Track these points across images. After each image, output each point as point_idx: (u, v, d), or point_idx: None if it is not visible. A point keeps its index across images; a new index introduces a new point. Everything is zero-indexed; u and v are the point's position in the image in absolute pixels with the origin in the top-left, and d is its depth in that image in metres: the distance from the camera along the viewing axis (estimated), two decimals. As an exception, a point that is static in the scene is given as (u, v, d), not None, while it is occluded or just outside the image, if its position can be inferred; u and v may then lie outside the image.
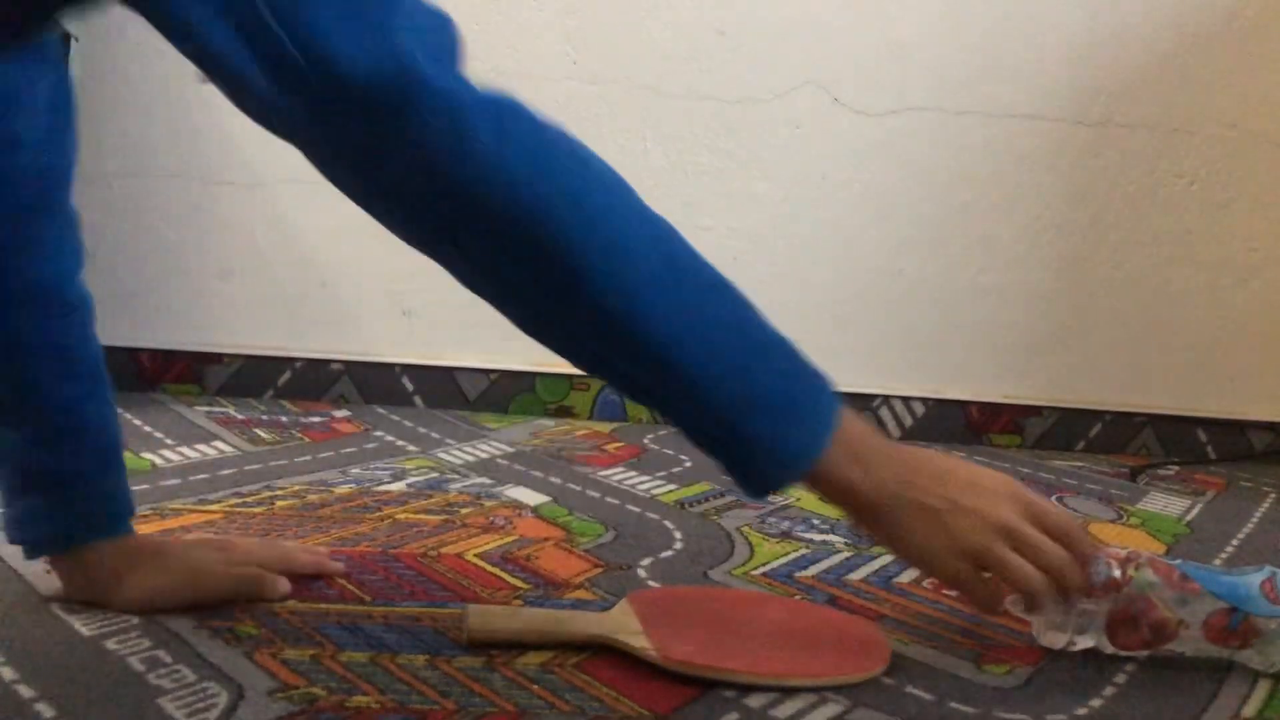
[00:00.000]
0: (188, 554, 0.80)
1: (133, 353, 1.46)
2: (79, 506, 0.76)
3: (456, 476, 1.18)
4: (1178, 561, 0.82)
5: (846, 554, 1.01)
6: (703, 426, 0.71)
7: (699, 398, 0.68)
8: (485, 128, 0.61)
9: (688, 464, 1.32)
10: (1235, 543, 1.18)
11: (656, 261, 0.66)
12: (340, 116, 0.59)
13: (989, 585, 0.74)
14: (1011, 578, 0.73)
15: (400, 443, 1.31)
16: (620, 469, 1.27)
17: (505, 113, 0.63)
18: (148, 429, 1.27)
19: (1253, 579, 0.80)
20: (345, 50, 0.57)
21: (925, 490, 0.72)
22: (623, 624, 0.77)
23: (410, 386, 1.52)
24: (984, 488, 0.74)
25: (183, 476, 1.10)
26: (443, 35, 0.61)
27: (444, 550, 0.94)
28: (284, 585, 0.80)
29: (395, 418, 1.44)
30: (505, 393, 1.54)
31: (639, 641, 0.74)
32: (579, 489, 1.17)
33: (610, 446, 1.38)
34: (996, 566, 0.73)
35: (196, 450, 1.20)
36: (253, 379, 1.50)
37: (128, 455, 0.91)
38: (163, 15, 0.57)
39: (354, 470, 1.17)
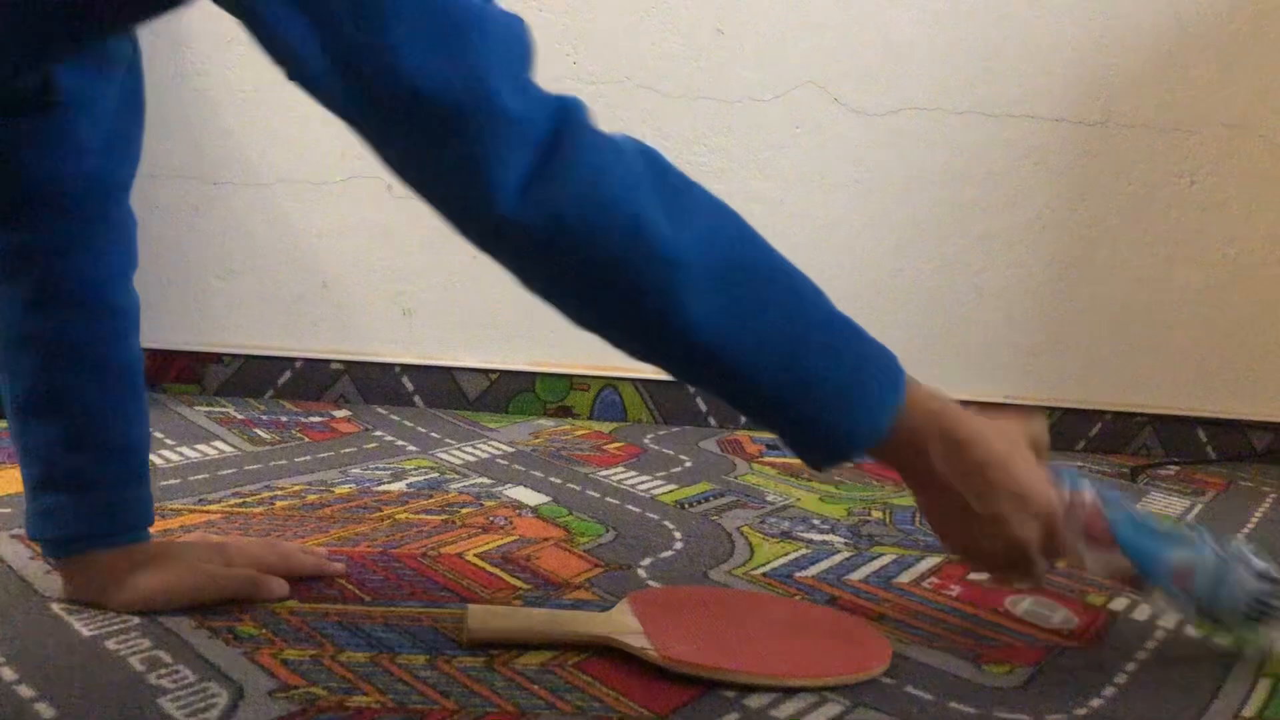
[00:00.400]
0: (186, 555, 0.80)
1: (133, 353, 1.46)
2: (99, 511, 0.77)
3: (456, 476, 1.18)
4: (1114, 496, 0.81)
5: (846, 554, 1.01)
6: (759, 411, 0.72)
7: (752, 387, 0.70)
8: (541, 149, 0.62)
9: (688, 464, 1.32)
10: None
11: (706, 263, 0.66)
12: (413, 130, 0.61)
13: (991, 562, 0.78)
14: (1003, 574, 0.79)
15: (400, 443, 1.31)
16: (620, 469, 1.27)
17: (563, 131, 0.64)
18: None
19: (1171, 556, 0.79)
20: (424, 72, 0.58)
21: (969, 492, 0.74)
22: (622, 624, 0.77)
23: (410, 386, 1.52)
24: (1027, 501, 0.75)
25: (183, 476, 1.10)
26: (517, 48, 0.63)
27: (444, 550, 0.94)
28: (281, 587, 0.81)
29: (395, 418, 1.44)
30: (505, 393, 1.54)
31: (639, 641, 0.74)
32: (579, 489, 1.17)
33: (610, 446, 1.38)
34: (1000, 567, 0.78)
35: (196, 450, 1.20)
36: (253, 379, 1.50)
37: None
38: (253, 18, 0.59)
39: (354, 470, 1.17)
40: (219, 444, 1.24)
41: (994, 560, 0.77)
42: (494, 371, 1.53)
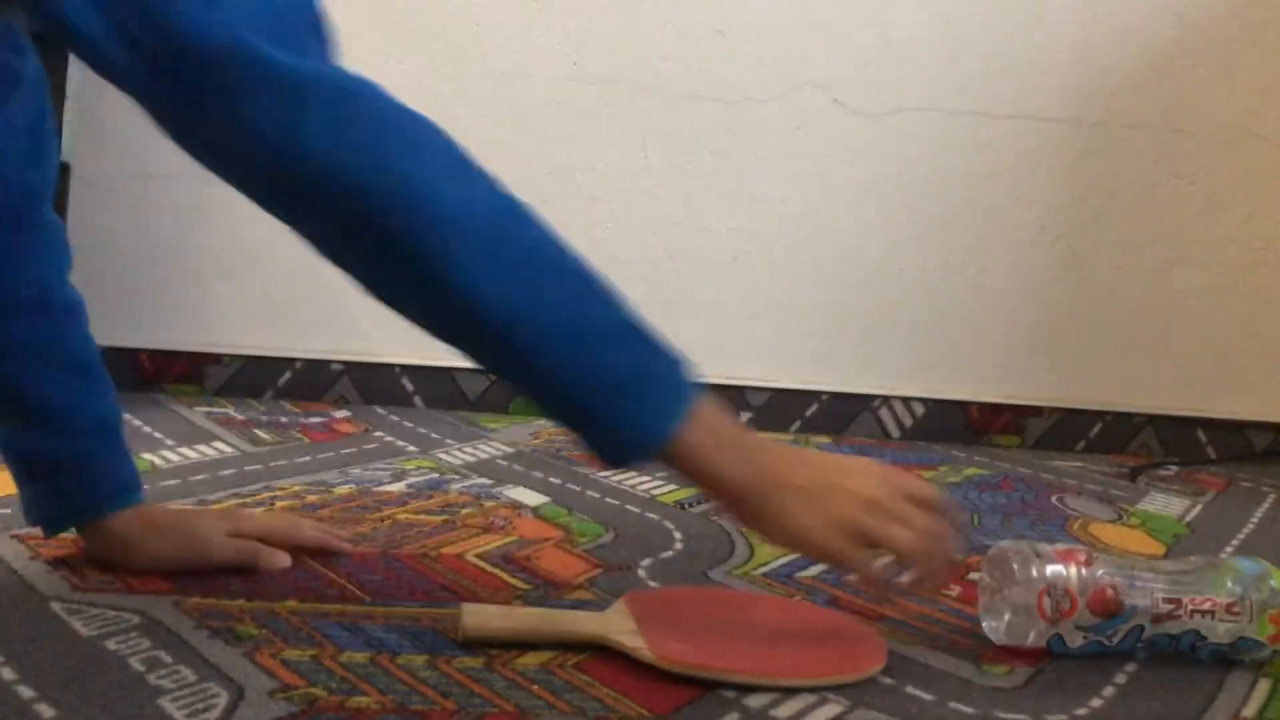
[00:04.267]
0: (194, 523, 0.86)
1: (133, 353, 1.46)
2: (81, 488, 0.82)
3: (456, 477, 1.18)
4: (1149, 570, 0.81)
5: (846, 554, 1.01)
6: (547, 401, 0.72)
7: (541, 375, 0.70)
8: (316, 104, 0.62)
9: (688, 464, 1.32)
10: (1235, 542, 1.18)
11: (489, 233, 0.66)
12: (175, 81, 0.62)
13: (863, 554, 0.74)
14: (886, 541, 0.74)
15: (400, 443, 1.31)
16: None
17: (343, 93, 0.64)
18: (148, 429, 1.27)
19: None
20: (187, 23, 0.60)
21: (798, 475, 0.74)
22: (618, 624, 0.77)
23: (410, 386, 1.52)
24: (854, 470, 0.76)
25: (183, 477, 1.10)
26: (297, 11, 0.64)
27: (444, 550, 0.94)
28: (282, 560, 0.85)
29: (395, 418, 1.44)
30: (505, 393, 1.54)
31: (634, 641, 0.74)
32: (579, 489, 1.17)
33: (610, 446, 1.38)
34: (871, 534, 0.73)
35: (196, 450, 1.20)
36: (253, 379, 1.50)
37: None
38: None
39: (354, 470, 1.17)
40: (219, 444, 1.24)
41: (860, 528, 0.73)
42: (494, 371, 1.53)
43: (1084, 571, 0.79)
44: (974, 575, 0.97)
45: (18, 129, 0.78)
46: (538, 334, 0.68)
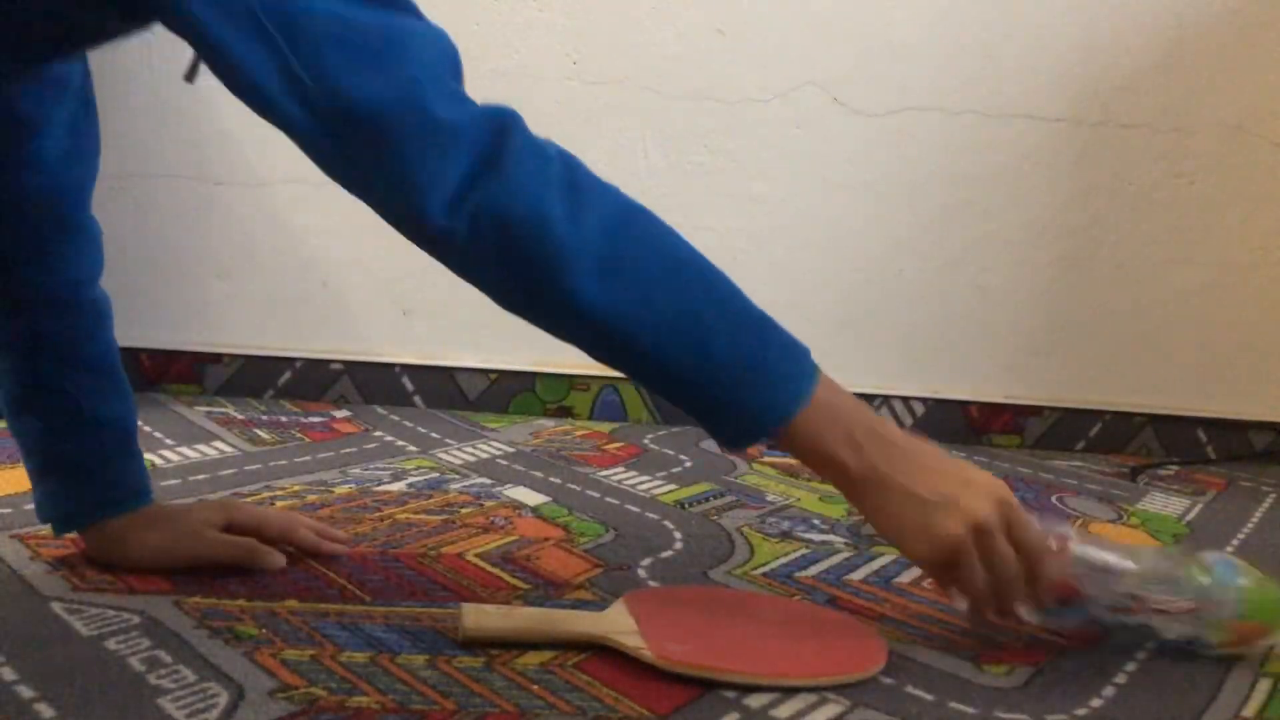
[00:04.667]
0: (187, 518, 0.86)
1: (133, 353, 1.46)
2: (94, 488, 0.84)
3: (456, 476, 1.18)
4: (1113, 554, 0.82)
5: (846, 554, 1.01)
6: (673, 390, 0.74)
7: (661, 366, 0.72)
8: (478, 160, 0.67)
9: (688, 464, 1.32)
10: (1235, 542, 1.18)
11: (599, 250, 0.70)
12: (356, 143, 0.66)
13: (951, 574, 0.77)
14: (964, 574, 0.76)
15: (400, 443, 1.31)
16: (620, 469, 1.27)
17: (502, 144, 0.67)
18: (148, 429, 1.27)
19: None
20: (360, 87, 0.64)
21: (914, 479, 0.75)
22: (617, 624, 0.77)
23: (410, 386, 1.52)
24: (975, 485, 0.77)
25: (183, 476, 1.10)
26: (446, 62, 0.68)
27: (444, 550, 0.94)
28: (278, 559, 0.85)
29: (395, 418, 1.44)
30: (505, 393, 1.54)
31: (633, 641, 0.74)
32: (579, 489, 1.17)
33: (610, 446, 1.38)
34: (958, 562, 0.75)
35: (196, 450, 1.20)
36: (253, 379, 1.50)
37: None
38: (216, 49, 0.63)
39: (354, 470, 1.17)
40: (219, 444, 1.24)
41: (956, 552, 0.75)
42: (494, 371, 1.53)
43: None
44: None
45: (61, 130, 0.79)
46: (660, 333, 0.71)
